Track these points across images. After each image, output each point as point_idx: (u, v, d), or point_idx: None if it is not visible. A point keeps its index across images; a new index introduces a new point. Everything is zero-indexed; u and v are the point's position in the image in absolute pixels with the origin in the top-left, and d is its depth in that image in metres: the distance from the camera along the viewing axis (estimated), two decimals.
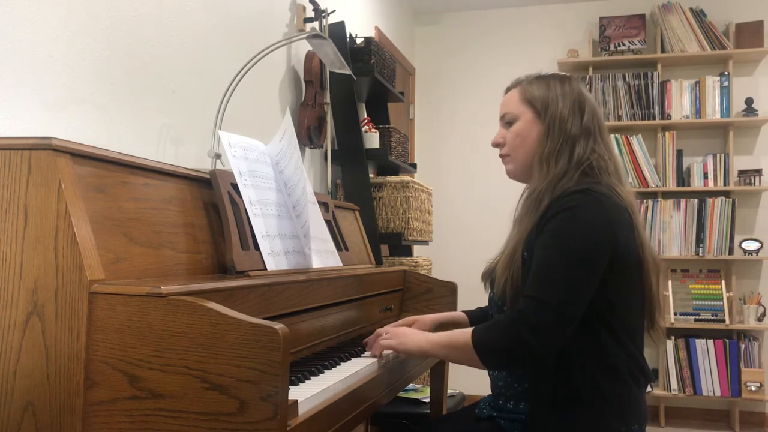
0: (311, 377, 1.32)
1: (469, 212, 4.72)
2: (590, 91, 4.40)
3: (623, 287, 1.41)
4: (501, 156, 1.60)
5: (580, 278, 1.34)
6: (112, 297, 1.01)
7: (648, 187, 4.30)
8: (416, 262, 3.12)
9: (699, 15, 4.31)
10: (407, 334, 1.54)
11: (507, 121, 1.57)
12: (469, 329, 1.42)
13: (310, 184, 2.01)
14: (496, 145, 1.60)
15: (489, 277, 1.58)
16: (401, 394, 2.53)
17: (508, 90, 1.61)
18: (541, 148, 1.50)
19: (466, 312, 1.85)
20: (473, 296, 2.25)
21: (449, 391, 2.56)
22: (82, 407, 1.01)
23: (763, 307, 4.15)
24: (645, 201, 4.29)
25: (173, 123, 1.97)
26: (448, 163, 4.81)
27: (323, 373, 1.37)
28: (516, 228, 1.50)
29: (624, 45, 4.40)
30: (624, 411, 1.40)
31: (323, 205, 2.06)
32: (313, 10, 2.83)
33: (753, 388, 4.05)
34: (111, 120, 1.73)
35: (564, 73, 1.60)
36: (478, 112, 4.71)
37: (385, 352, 1.58)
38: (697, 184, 4.27)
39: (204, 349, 0.97)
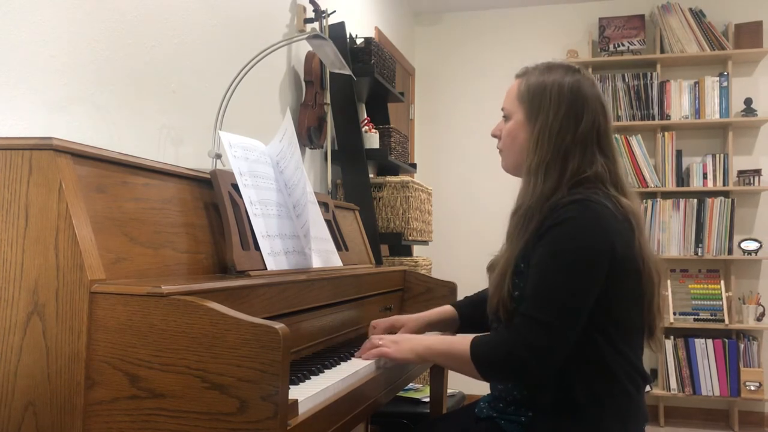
0: (311, 377, 1.32)
1: (469, 212, 4.72)
2: None
3: (621, 295, 1.37)
4: (498, 148, 1.56)
5: (576, 297, 1.31)
6: (113, 297, 1.02)
7: (647, 187, 4.31)
8: (416, 262, 3.12)
9: (698, 15, 4.31)
10: (404, 340, 1.51)
11: (504, 115, 1.53)
12: (468, 339, 1.39)
13: (310, 184, 2.01)
14: (494, 136, 1.56)
15: (492, 271, 1.51)
16: (401, 393, 2.54)
17: (517, 77, 1.54)
18: (530, 157, 1.42)
19: (453, 305, 1.82)
20: None
21: (449, 391, 2.56)
22: (83, 407, 1.01)
23: (762, 306, 4.16)
24: (645, 201, 4.29)
25: (173, 123, 1.97)
26: (448, 163, 4.81)
27: (323, 372, 1.37)
28: (507, 245, 1.45)
29: (623, 45, 4.41)
30: (623, 416, 1.39)
31: (323, 205, 2.06)
32: (313, 10, 2.83)
33: (752, 388, 4.05)
34: (111, 120, 1.73)
35: (575, 66, 1.52)
36: (477, 112, 4.71)
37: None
38: (696, 184, 4.28)
39: (204, 349, 0.98)
